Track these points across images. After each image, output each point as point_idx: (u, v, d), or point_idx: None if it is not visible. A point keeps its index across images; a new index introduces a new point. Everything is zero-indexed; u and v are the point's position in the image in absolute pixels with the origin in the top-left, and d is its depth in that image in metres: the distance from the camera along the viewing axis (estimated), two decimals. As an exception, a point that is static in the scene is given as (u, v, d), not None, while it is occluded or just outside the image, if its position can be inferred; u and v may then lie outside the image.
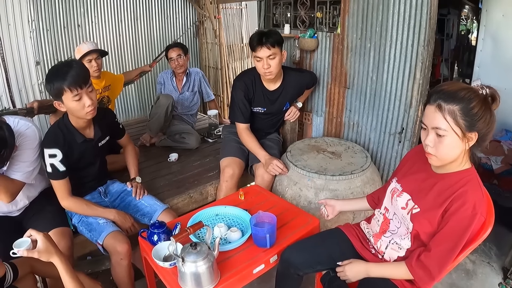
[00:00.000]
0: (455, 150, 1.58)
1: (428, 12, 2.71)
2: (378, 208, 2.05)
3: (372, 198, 2.23)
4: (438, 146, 1.59)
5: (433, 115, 1.57)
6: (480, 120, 1.51)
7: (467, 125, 1.51)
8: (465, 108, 1.50)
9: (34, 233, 1.72)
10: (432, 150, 1.62)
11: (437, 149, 1.60)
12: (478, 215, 1.54)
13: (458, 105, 1.50)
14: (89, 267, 3.15)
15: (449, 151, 1.58)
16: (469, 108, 1.49)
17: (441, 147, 1.58)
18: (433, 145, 1.60)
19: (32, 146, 2.34)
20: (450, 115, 1.52)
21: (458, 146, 1.56)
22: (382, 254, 1.92)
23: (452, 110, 1.51)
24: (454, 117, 1.51)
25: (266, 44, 2.94)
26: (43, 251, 1.69)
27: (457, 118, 1.51)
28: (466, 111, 1.50)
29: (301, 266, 2.05)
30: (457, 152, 1.58)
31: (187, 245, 1.84)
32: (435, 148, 1.60)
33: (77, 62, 2.37)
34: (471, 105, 1.49)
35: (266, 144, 3.40)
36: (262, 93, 3.29)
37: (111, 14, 5.12)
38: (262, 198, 2.73)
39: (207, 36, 6.06)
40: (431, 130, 1.59)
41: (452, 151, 1.58)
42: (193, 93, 4.53)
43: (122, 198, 2.77)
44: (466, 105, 1.50)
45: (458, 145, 1.56)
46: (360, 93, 3.42)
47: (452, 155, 1.60)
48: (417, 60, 2.87)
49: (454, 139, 1.54)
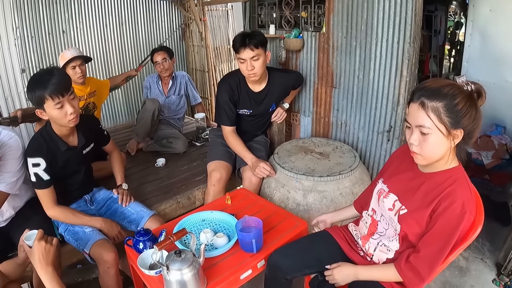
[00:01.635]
0: (440, 148, 1.55)
1: (413, 9, 2.70)
2: (365, 210, 2.02)
3: (359, 204, 2.19)
4: (423, 145, 1.56)
5: (416, 113, 1.54)
6: (465, 116, 1.48)
7: (452, 122, 1.49)
8: (449, 105, 1.47)
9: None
10: (417, 149, 1.59)
11: (422, 147, 1.57)
12: (467, 214, 1.52)
13: (442, 102, 1.48)
14: (79, 275, 3.11)
15: (435, 150, 1.56)
16: (453, 104, 1.47)
17: (426, 146, 1.55)
18: (417, 143, 1.58)
19: (15, 156, 2.32)
20: (434, 112, 1.49)
21: (444, 144, 1.54)
22: (370, 257, 1.90)
23: (435, 107, 1.49)
24: (438, 115, 1.49)
25: (249, 45, 2.91)
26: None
27: (441, 116, 1.48)
28: (450, 107, 1.47)
29: (288, 270, 2.02)
30: (442, 150, 1.56)
31: (171, 253, 1.81)
32: (420, 146, 1.57)
33: (58, 70, 2.34)
34: (455, 102, 1.47)
35: (253, 146, 3.38)
36: (247, 95, 3.26)
37: (96, 18, 5.11)
38: (249, 201, 2.70)
39: (193, 39, 6.05)
40: (415, 129, 1.57)
41: (438, 149, 1.56)
42: (179, 96, 4.52)
43: (108, 206, 2.74)
44: (450, 101, 1.47)
45: (443, 143, 1.53)
46: (347, 92, 3.40)
47: (437, 153, 1.57)
48: (404, 57, 2.86)
49: (439, 137, 1.52)
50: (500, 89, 4.03)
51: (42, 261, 1.71)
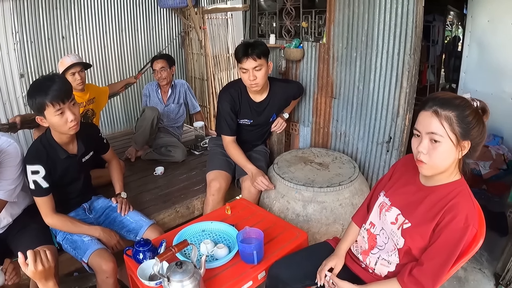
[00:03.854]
0: (448, 158, 1.55)
1: (413, 21, 2.72)
2: (364, 223, 2.01)
3: (359, 219, 2.11)
4: (432, 153, 1.56)
5: (429, 120, 1.54)
6: (474, 128, 1.50)
7: (462, 132, 1.50)
8: (461, 115, 1.49)
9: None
10: (424, 158, 1.58)
11: (430, 156, 1.56)
12: (470, 227, 1.51)
13: (454, 112, 1.49)
14: (76, 284, 3.09)
15: (443, 159, 1.55)
16: (464, 115, 1.49)
17: (435, 154, 1.55)
18: (426, 151, 1.57)
19: (14, 163, 2.30)
20: (447, 121, 1.50)
21: (452, 154, 1.54)
22: (372, 270, 1.89)
23: (448, 116, 1.50)
24: (450, 123, 1.50)
25: (252, 55, 2.91)
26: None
27: (453, 125, 1.49)
28: (462, 118, 1.49)
29: (289, 281, 2.01)
30: (450, 160, 1.56)
31: (172, 264, 1.80)
32: (429, 155, 1.57)
33: (59, 76, 2.33)
34: (466, 113, 1.49)
35: (253, 156, 3.37)
36: (249, 104, 3.26)
37: (96, 25, 5.09)
38: (249, 212, 2.69)
39: (193, 47, 6.04)
40: (425, 136, 1.56)
41: (446, 159, 1.55)
42: (178, 105, 4.51)
43: (107, 215, 2.73)
44: (461, 112, 1.49)
45: (452, 153, 1.54)
46: (347, 103, 3.40)
47: (445, 163, 1.57)
48: (404, 68, 2.86)
49: (449, 146, 1.52)
50: (497, 100, 4.04)
51: (43, 281, 1.67)
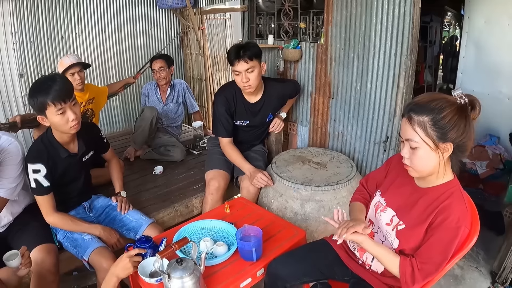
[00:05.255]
0: (429, 162, 1.58)
1: (410, 22, 2.74)
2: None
3: (363, 197, 2.12)
4: (413, 158, 1.60)
5: (405, 127, 1.59)
6: (452, 130, 1.49)
7: (439, 136, 1.51)
8: (435, 119, 1.50)
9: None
10: (408, 162, 1.63)
11: (412, 161, 1.61)
12: (462, 227, 1.53)
13: (428, 116, 1.51)
14: (76, 282, 3.10)
15: (424, 163, 1.58)
16: (439, 118, 1.49)
17: (415, 159, 1.59)
18: (408, 156, 1.62)
19: (15, 162, 2.32)
20: (420, 126, 1.52)
21: (432, 157, 1.56)
22: (369, 266, 1.91)
23: (422, 122, 1.52)
24: (424, 129, 1.52)
25: (243, 57, 2.90)
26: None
27: (427, 130, 1.51)
28: (436, 121, 1.50)
29: (288, 278, 2.04)
30: (432, 163, 1.58)
31: (172, 261, 1.82)
32: (410, 160, 1.61)
33: (60, 76, 2.35)
34: (441, 115, 1.49)
35: (251, 156, 3.39)
36: (244, 106, 3.26)
37: (95, 25, 5.09)
38: (248, 210, 2.72)
39: (191, 47, 6.04)
40: (405, 142, 1.61)
41: (427, 162, 1.58)
42: (177, 104, 4.53)
43: (107, 213, 2.75)
44: (436, 115, 1.50)
45: (432, 156, 1.56)
46: (344, 103, 3.43)
47: (427, 167, 1.60)
48: (401, 69, 2.89)
49: (427, 151, 1.55)
50: (494, 100, 4.06)
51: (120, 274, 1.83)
